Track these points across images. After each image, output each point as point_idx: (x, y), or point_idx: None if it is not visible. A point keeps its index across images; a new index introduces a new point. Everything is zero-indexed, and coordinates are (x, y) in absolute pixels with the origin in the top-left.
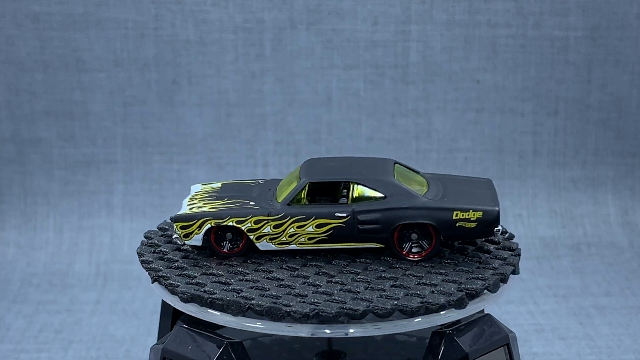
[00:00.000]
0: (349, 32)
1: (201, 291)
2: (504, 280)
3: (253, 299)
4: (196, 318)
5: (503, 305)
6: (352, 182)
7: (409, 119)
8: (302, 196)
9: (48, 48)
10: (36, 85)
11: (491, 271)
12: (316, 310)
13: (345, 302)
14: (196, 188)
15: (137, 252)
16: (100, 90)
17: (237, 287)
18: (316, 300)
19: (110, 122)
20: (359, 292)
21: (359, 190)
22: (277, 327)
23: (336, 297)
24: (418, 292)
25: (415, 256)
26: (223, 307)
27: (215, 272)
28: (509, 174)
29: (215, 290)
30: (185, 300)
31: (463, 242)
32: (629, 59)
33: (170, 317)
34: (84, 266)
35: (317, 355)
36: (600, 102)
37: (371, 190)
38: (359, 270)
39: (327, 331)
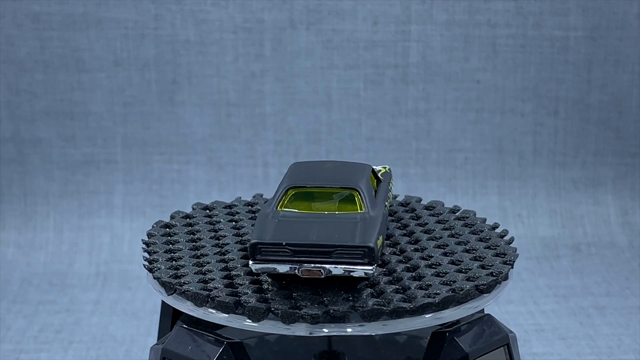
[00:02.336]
0: (349, 32)
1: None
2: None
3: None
4: (196, 318)
5: (503, 305)
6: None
7: (409, 119)
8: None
9: (48, 48)
10: (36, 85)
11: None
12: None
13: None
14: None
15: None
16: (100, 90)
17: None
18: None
19: (110, 122)
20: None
21: None
22: (277, 327)
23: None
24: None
25: None
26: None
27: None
28: (509, 174)
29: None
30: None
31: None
32: (629, 59)
33: (170, 317)
34: (84, 266)
35: (317, 356)
36: (600, 102)
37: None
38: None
39: (326, 330)
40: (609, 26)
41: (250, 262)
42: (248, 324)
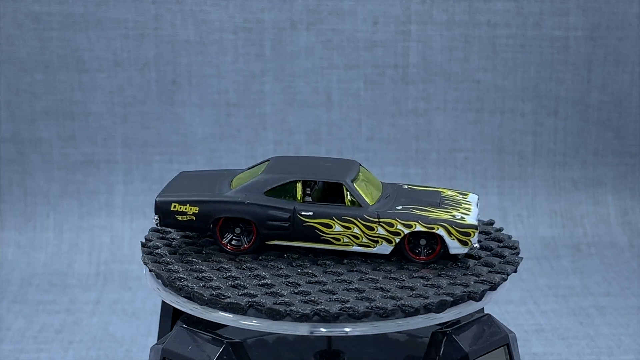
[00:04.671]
0: (349, 32)
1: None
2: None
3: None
4: (196, 318)
5: (503, 305)
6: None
7: (409, 119)
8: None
9: (48, 48)
10: (36, 85)
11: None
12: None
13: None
14: None
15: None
16: (100, 90)
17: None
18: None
19: (110, 122)
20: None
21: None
22: (276, 326)
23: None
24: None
25: None
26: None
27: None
28: (509, 174)
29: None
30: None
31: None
32: (629, 59)
33: (170, 317)
34: (84, 266)
35: (317, 355)
36: (600, 102)
37: None
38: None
39: (324, 330)
40: (609, 26)
41: None
42: (247, 322)
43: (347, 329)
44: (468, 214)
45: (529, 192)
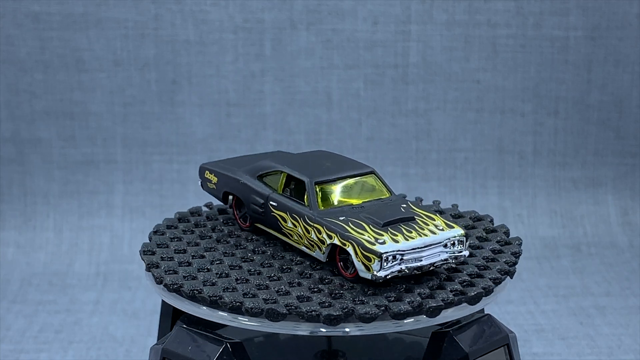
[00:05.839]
0: (349, 32)
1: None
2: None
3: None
4: (196, 318)
5: (503, 305)
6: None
7: (409, 119)
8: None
9: (48, 48)
10: (36, 85)
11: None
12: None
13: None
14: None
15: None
16: (100, 90)
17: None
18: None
19: (110, 122)
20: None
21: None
22: (277, 327)
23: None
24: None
25: None
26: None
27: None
28: (509, 174)
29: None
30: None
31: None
32: (629, 59)
33: (170, 317)
34: (84, 266)
35: (317, 355)
36: (600, 102)
37: None
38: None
39: (325, 330)
40: (609, 26)
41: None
42: (247, 322)
43: (347, 329)
44: (397, 242)
45: (529, 192)
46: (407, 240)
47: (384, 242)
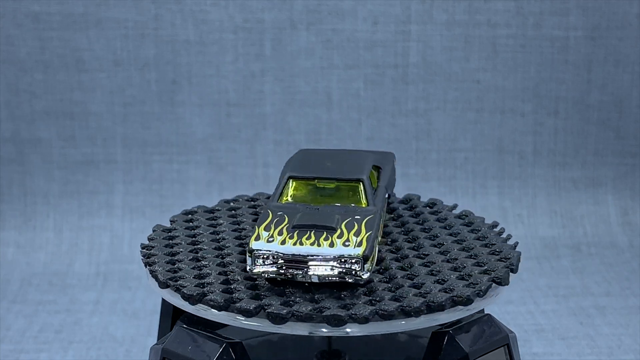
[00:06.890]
0: (349, 32)
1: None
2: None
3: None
4: (196, 318)
5: (503, 305)
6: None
7: (409, 119)
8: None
9: (48, 48)
10: (36, 85)
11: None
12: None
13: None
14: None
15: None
16: (100, 90)
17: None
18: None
19: (110, 122)
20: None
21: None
22: (276, 327)
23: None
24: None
25: None
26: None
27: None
28: (509, 174)
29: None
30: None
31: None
32: (629, 59)
33: (170, 317)
34: (84, 266)
35: (317, 355)
36: (600, 102)
37: None
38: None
39: (325, 330)
40: (609, 26)
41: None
42: (247, 322)
43: (347, 330)
44: (283, 244)
45: (529, 192)
46: (297, 245)
47: (267, 242)
